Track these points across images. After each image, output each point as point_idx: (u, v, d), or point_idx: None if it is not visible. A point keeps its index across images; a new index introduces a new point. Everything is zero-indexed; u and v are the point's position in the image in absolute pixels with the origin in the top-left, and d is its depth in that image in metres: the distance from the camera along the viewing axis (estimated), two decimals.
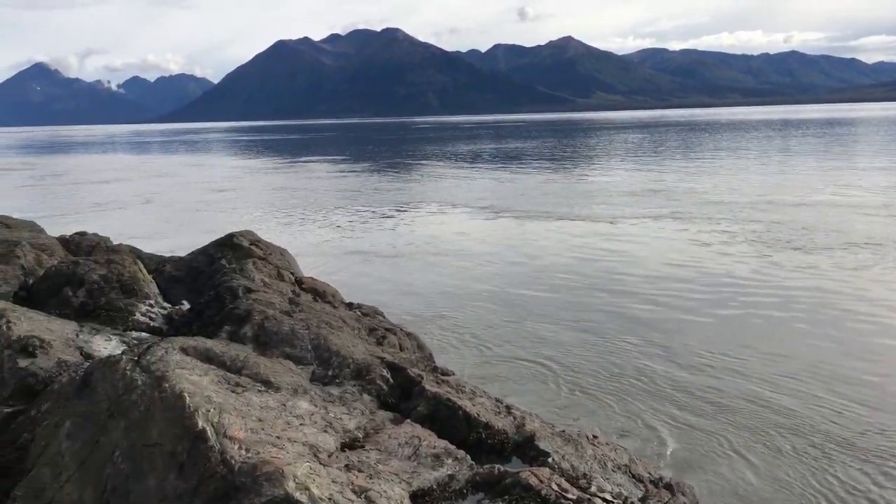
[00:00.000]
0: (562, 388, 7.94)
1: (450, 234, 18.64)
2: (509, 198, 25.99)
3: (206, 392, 3.95)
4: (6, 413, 4.65)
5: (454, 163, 46.05)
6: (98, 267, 6.89)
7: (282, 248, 8.27)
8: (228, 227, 20.12)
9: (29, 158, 69.66)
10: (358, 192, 29.81)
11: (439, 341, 9.32)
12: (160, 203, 27.64)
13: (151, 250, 10.13)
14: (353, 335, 5.74)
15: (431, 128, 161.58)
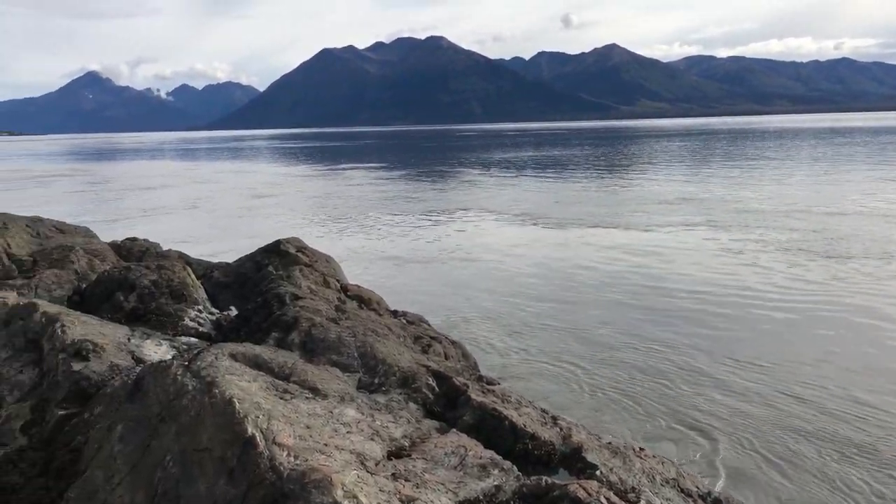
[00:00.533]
0: (601, 397, 7.87)
1: (486, 241, 18.71)
2: (545, 205, 25.95)
3: (255, 398, 3.98)
4: (60, 416, 4.74)
5: (493, 170, 46.03)
6: (149, 272, 7.01)
7: (327, 255, 8.33)
8: (268, 233, 20.50)
9: (80, 165, 71.34)
10: (396, 199, 29.93)
11: (479, 348, 9.29)
12: (204, 209, 28.11)
13: (196, 254, 10.32)
14: (399, 343, 5.74)
15: (473, 135, 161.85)
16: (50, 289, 6.96)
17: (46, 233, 8.99)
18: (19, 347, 5.53)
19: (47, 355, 5.31)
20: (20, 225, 8.89)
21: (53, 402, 4.87)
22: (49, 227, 9.19)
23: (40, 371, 5.26)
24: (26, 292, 6.76)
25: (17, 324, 5.74)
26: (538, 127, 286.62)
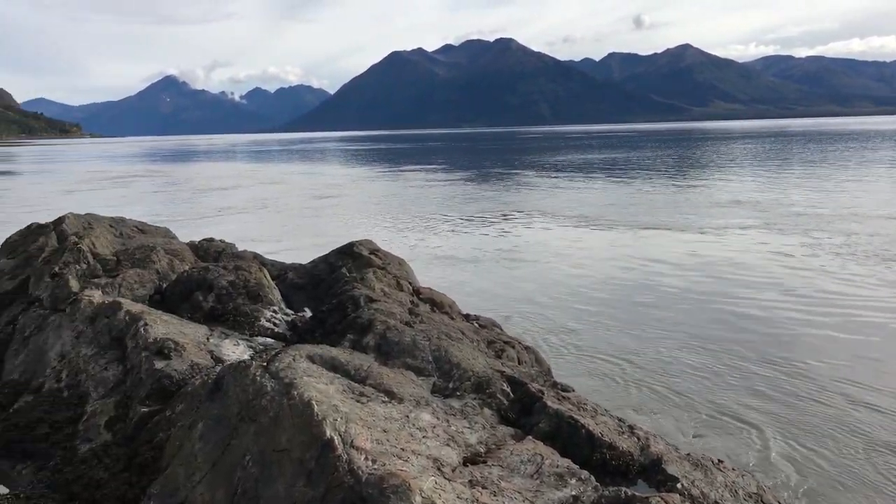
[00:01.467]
0: (668, 407, 7.69)
1: (541, 242, 18.79)
2: (600, 207, 25.93)
3: (332, 401, 3.99)
4: (143, 413, 4.86)
5: (553, 172, 45.86)
6: (226, 273, 7.14)
7: (399, 258, 8.35)
8: (330, 233, 20.98)
9: (156, 166, 73.58)
10: (454, 200, 30.03)
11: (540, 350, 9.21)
12: (272, 209, 28.76)
13: (261, 251, 10.52)
14: (473, 347, 5.70)
15: (539, 138, 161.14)
16: (132, 288, 7.15)
17: (129, 233, 9.26)
18: (104, 345, 5.69)
19: (130, 353, 5.45)
20: (104, 225, 9.17)
21: (136, 400, 4.99)
22: (131, 228, 9.46)
23: (124, 368, 5.40)
24: (110, 291, 6.96)
25: (102, 321, 5.91)
26: (607, 129, 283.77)
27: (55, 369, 5.74)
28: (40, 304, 6.88)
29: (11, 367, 6.19)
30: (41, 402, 5.35)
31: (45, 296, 6.98)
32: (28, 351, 6.19)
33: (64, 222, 8.84)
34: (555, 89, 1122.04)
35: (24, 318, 6.75)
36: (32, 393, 5.62)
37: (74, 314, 6.18)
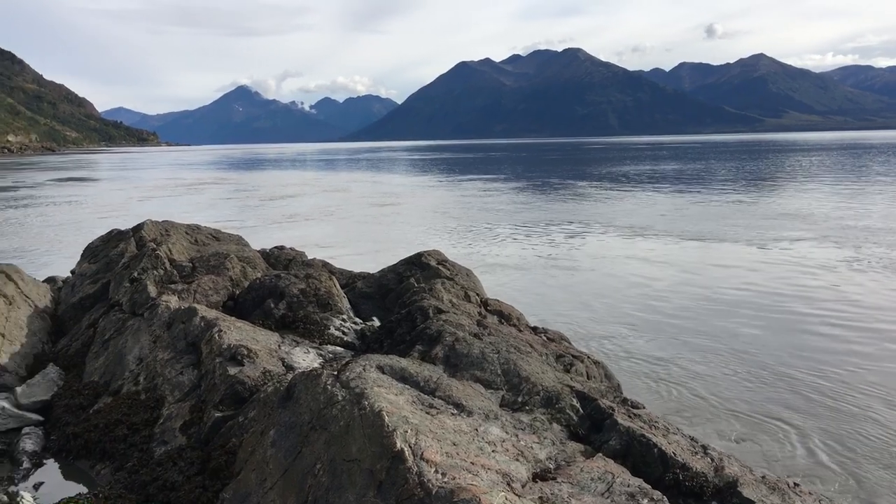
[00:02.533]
0: (733, 422, 7.47)
1: (602, 253, 18.68)
2: (650, 218, 25.78)
3: (402, 412, 4.00)
4: (217, 417, 4.95)
5: (615, 183, 45.53)
6: (297, 281, 7.25)
7: (467, 269, 8.34)
8: (392, 239, 21.17)
9: (226, 174, 75.45)
10: (517, 210, 30.02)
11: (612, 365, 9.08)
12: (337, 216, 29.29)
13: (323, 257, 10.67)
14: (542, 361, 5.65)
15: (604, 148, 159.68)
16: (207, 294, 7.32)
17: (203, 240, 9.49)
18: (180, 349, 5.83)
19: (205, 358, 5.57)
20: (181, 232, 9.42)
21: (211, 404, 5.09)
22: (206, 235, 9.69)
23: (199, 373, 5.52)
24: (186, 297, 7.13)
25: (178, 327, 6.06)
26: (676, 140, 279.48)
27: (133, 372, 5.91)
28: (120, 308, 7.10)
29: (92, 368, 6.39)
30: (120, 405, 5.51)
31: (124, 300, 7.20)
32: (108, 354, 6.39)
33: (143, 229, 9.12)
34: (623, 100, 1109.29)
35: (104, 322, 6.98)
36: (112, 395, 5.79)
37: (152, 319, 6.35)
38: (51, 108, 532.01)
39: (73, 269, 9.67)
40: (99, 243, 9.61)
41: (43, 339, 7.46)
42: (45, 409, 6.06)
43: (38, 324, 7.56)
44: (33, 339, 7.28)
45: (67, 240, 21.77)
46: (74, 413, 5.76)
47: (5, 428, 5.74)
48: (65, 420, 5.71)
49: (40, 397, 6.13)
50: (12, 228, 25.27)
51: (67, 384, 6.30)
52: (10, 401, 6.02)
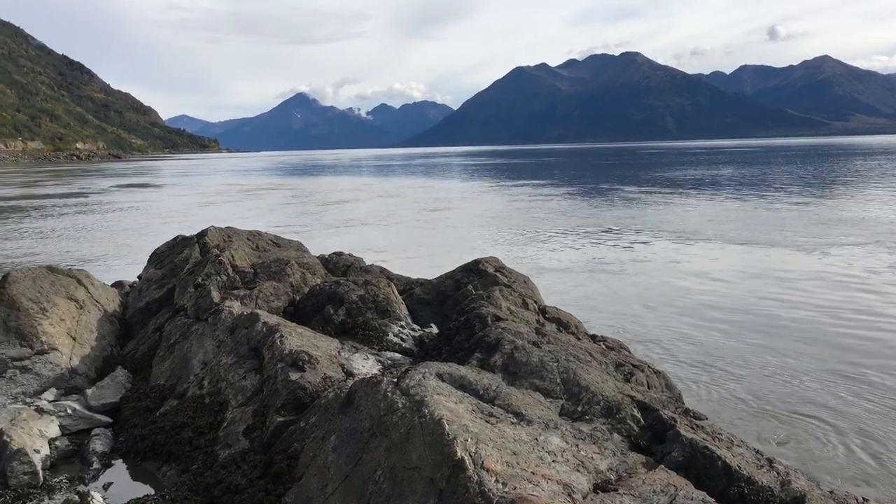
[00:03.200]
0: (782, 425, 7.29)
1: (653, 259, 18.50)
2: (697, 223, 25.43)
3: (462, 420, 4.01)
4: (279, 422, 5.03)
5: (668, 188, 45.04)
6: (357, 288, 7.32)
7: (525, 276, 8.31)
8: (444, 244, 21.26)
9: (284, 180, 76.75)
10: (566, 216, 29.87)
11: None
12: (391, 221, 29.62)
13: (375, 260, 10.75)
14: (601, 370, 5.60)
15: (663, 153, 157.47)
16: (268, 300, 7.45)
17: (265, 246, 9.66)
18: (243, 354, 5.94)
19: (267, 363, 5.67)
20: (242, 238, 9.61)
21: (273, 409, 5.18)
22: (267, 241, 9.87)
23: (261, 378, 5.62)
24: (248, 302, 7.27)
25: (241, 332, 6.18)
26: (736, 144, 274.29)
27: (198, 376, 6.05)
28: (185, 313, 7.27)
29: (158, 372, 6.56)
30: (185, 408, 5.64)
31: (189, 305, 7.37)
32: (173, 358, 6.55)
33: (206, 235, 9.32)
34: (681, 103, 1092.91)
35: (170, 326, 7.16)
36: (177, 398, 5.93)
37: (216, 324, 6.49)
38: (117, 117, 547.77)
39: (140, 275, 9.95)
40: (164, 249, 9.87)
41: (111, 343, 7.68)
42: (113, 410, 6.24)
43: (107, 327, 7.80)
44: (102, 343, 7.50)
45: (133, 244, 22.39)
46: (142, 415, 5.92)
47: (76, 429, 5.92)
48: (132, 422, 5.87)
49: (109, 399, 6.32)
50: (80, 234, 26.10)
51: (135, 387, 6.48)
52: (81, 402, 6.21)
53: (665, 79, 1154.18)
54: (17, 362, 6.63)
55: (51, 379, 6.60)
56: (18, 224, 29.49)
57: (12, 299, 6.93)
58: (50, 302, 7.23)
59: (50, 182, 73.00)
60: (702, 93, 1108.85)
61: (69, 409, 5.99)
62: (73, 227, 28.47)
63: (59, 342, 6.92)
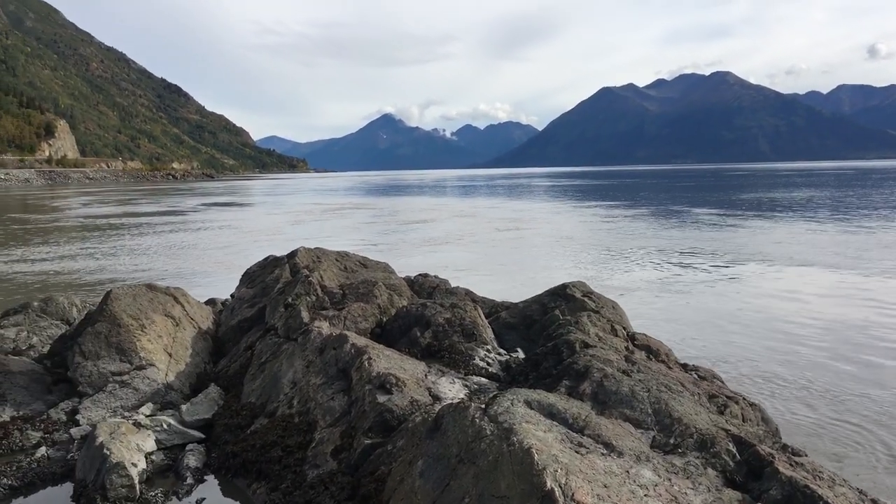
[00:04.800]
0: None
1: (742, 284, 17.86)
2: (787, 247, 24.38)
3: (552, 450, 3.94)
4: (366, 444, 5.06)
5: (758, 211, 43.89)
6: (443, 311, 7.34)
7: (612, 301, 8.17)
8: (523, 264, 21.16)
9: (368, 199, 78.10)
10: (641, 238, 29.33)
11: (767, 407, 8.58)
12: (471, 241, 29.86)
13: (454, 279, 10.73)
14: (694, 401, 5.43)
15: (748, 175, 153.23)
16: (356, 321, 7.54)
17: (352, 266, 9.80)
18: (332, 375, 6.02)
19: (355, 385, 5.72)
20: (331, 259, 9.78)
21: (360, 431, 5.22)
22: (355, 262, 10.01)
23: (349, 399, 5.67)
24: (336, 323, 7.37)
25: (329, 353, 6.26)
26: (833, 166, 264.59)
27: (287, 395, 6.15)
28: (275, 332, 7.43)
29: (249, 389, 6.71)
30: (275, 426, 5.74)
31: (279, 324, 7.53)
32: (264, 376, 6.69)
33: (296, 256, 9.53)
34: (775, 124, 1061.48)
35: (261, 345, 7.32)
36: (267, 416, 6.04)
37: (305, 344, 6.59)
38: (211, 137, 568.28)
39: (233, 293, 10.24)
40: (256, 269, 10.13)
41: (205, 360, 7.91)
42: (206, 427, 6.41)
43: (201, 344, 8.04)
44: (197, 359, 7.74)
45: (224, 262, 23.09)
46: (233, 432, 6.05)
47: (171, 444, 6.10)
48: (224, 438, 6.01)
49: (202, 416, 6.49)
50: (175, 251, 27.08)
51: (227, 404, 6.65)
52: (176, 418, 6.41)
53: (758, 98, 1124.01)
54: (116, 377, 6.89)
55: (148, 394, 6.84)
56: (119, 241, 30.84)
57: (114, 316, 7.23)
58: (149, 319, 7.50)
59: (147, 200, 76.27)
60: (797, 113, 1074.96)
61: (165, 425, 6.18)
62: (168, 244, 29.59)
63: (156, 358, 7.17)
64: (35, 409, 6.64)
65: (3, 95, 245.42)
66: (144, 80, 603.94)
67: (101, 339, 7.05)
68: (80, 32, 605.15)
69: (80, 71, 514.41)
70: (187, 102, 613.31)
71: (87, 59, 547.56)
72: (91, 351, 6.96)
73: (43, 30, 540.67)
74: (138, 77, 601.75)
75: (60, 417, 6.49)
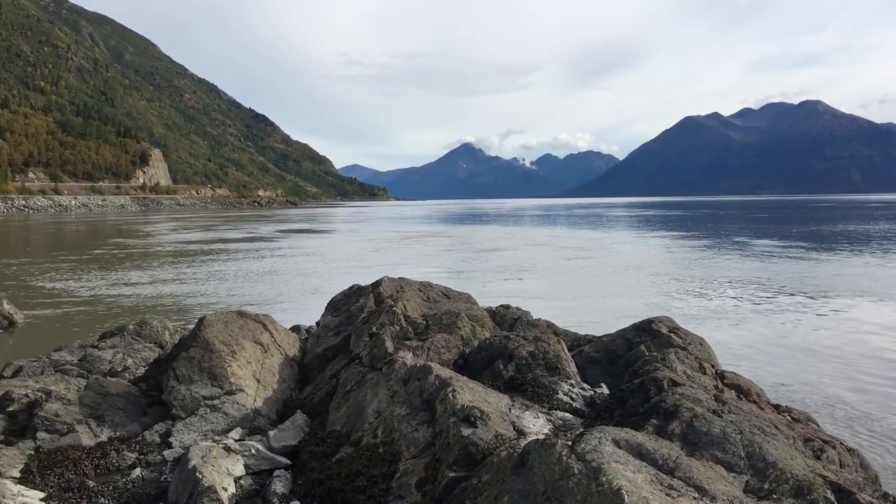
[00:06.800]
0: None
1: (831, 319, 17.35)
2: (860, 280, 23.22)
3: (642, 492, 3.87)
4: (451, 477, 5.06)
5: (848, 243, 42.29)
6: (526, 344, 7.31)
7: (700, 337, 7.98)
8: (600, 294, 20.90)
9: (445, 227, 79.03)
10: (729, 270, 28.81)
11: None
12: (541, 269, 29.94)
13: (524, 305, 10.66)
14: (789, 445, 5.24)
15: (835, 206, 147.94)
16: (440, 352, 7.58)
17: (435, 297, 9.88)
18: (416, 406, 6.05)
19: (439, 417, 5.74)
20: (414, 289, 9.88)
21: (444, 464, 5.22)
22: (437, 292, 10.09)
23: (433, 431, 5.69)
24: (420, 353, 7.43)
25: (414, 384, 6.31)
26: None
27: (372, 425, 6.21)
28: (360, 362, 7.53)
29: (334, 418, 6.81)
30: (360, 456, 5.80)
31: (364, 354, 7.63)
32: (349, 405, 6.78)
33: (380, 285, 9.66)
34: (868, 154, 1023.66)
35: (346, 373, 7.43)
36: (352, 445, 6.11)
37: (390, 374, 6.66)
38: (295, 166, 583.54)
39: (318, 321, 10.43)
40: (341, 297, 10.31)
41: (291, 387, 8.08)
42: (292, 453, 6.52)
43: (287, 371, 8.21)
44: (283, 386, 7.90)
45: (307, 288, 23.57)
46: (319, 460, 6.14)
47: (258, 469, 6.23)
48: (310, 466, 6.10)
49: (289, 442, 6.61)
50: (259, 277, 27.83)
51: (312, 431, 6.75)
52: (264, 443, 6.54)
53: (850, 128, 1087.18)
54: (207, 401, 7.10)
55: (237, 419, 7.01)
56: (207, 266, 31.89)
57: (206, 342, 7.46)
58: (239, 345, 7.71)
59: (233, 227, 78.69)
60: (892, 143, 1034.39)
61: (253, 450, 6.32)
62: (253, 270, 30.43)
63: (245, 384, 7.36)
64: (131, 430, 6.88)
65: (102, 125, 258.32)
66: (233, 111, 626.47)
67: (194, 364, 7.28)
68: (174, 65, 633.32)
69: (174, 101, 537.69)
70: (273, 132, 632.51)
71: (180, 91, 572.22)
72: (184, 375, 7.20)
73: (141, 63, 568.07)
74: (228, 107, 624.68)
75: (154, 439, 6.71)
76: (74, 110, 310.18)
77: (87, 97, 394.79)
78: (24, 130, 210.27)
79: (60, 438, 6.43)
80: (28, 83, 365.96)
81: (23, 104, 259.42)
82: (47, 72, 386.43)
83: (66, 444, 6.36)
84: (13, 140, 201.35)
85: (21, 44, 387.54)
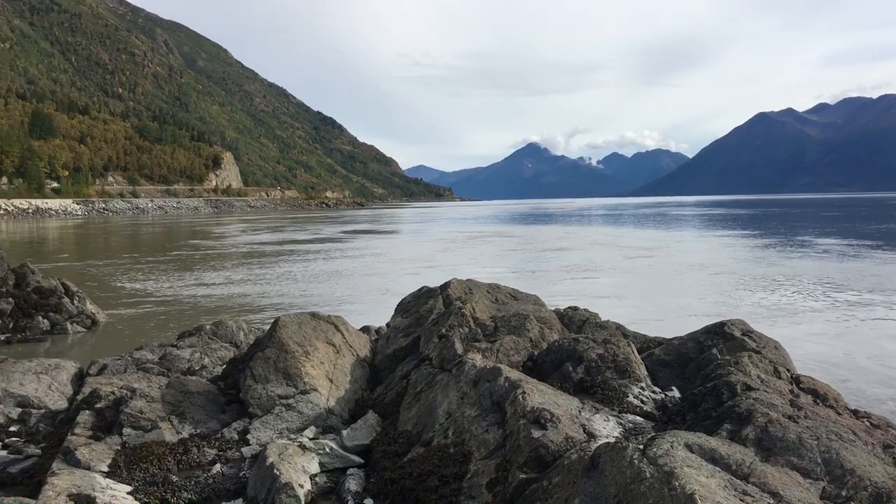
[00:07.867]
0: None
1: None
2: None
3: (716, 497, 3.85)
4: (521, 479, 5.12)
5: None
6: (596, 346, 7.31)
7: (775, 341, 7.84)
8: (668, 294, 20.55)
9: (510, 227, 78.94)
10: (793, 269, 27.88)
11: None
12: (603, 269, 29.79)
13: (590, 306, 10.63)
14: (868, 451, 5.13)
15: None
16: (508, 354, 7.64)
17: (503, 299, 9.93)
18: (486, 408, 6.13)
19: (509, 419, 5.80)
20: (482, 291, 9.96)
21: (515, 465, 5.28)
22: (505, 294, 10.14)
23: (503, 433, 5.76)
24: (489, 355, 7.50)
25: (484, 385, 6.38)
26: None
27: (442, 426, 6.31)
28: (430, 363, 7.64)
29: (405, 418, 6.93)
30: (431, 456, 5.91)
31: (433, 355, 7.74)
32: (420, 406, 6.90)
33: (449, 287, 9.77)
34: None
35: (416, 374, 7.55)
36: (423, 445, 6.22)
37: (459, 375, 6.75)
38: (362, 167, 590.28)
39: (388, 322, 10.60)
40: (411, 299, 10.46)
41: (363, 387, 8.25)
42: (364, 452, 6.67)
43: (359, 371, 8.39)
44: (355, 386, 8.08)
45: (376, 289, 23.86)
46: (391, 459, 6.27)
47: (332, 467, 6.40)
48: (382, 465, 6.23)
49: (361, 441, 6.77)
50: (328, 278, 28.29)
51: (384, 431, 6.90)
52: (337, 442, 6.71)
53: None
54: (283, 400, 7.31)
55: (311, 418, 7.20)
56: (278, 267, 32.59)
57: (282, 342, 7.68)
58: (312, 346, 7.91)
59: (302, 228, 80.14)
60: None
61: (327, 448, 6.49)
62: (323, 271, 30.95)
63: (318, 384, 7.55)
64: (210, 427, 7.14)
65: (176, 130, 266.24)
66: (302, 114, 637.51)
67: (269, 364, 7.51)
68: (245, 70, 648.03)
69: (245, 106, 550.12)
70: (341, 134, 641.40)
71: (251, 95, 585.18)
72: (261, 375, 7.43)
73: (213, 68, 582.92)
74: (296, 111, 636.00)
75: (233, 436, 6.95)
76: (150, 116, 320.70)
77: (163, 103, 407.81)
78: (104, 136, 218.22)
79: (145, 434, 6.71)
80: (107, 90, 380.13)
81: (102, 110, 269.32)
82: (125, 79, 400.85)
83: (150, 440, 6.63)
84: (93, 145, 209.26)
85: (100, 52, 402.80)
